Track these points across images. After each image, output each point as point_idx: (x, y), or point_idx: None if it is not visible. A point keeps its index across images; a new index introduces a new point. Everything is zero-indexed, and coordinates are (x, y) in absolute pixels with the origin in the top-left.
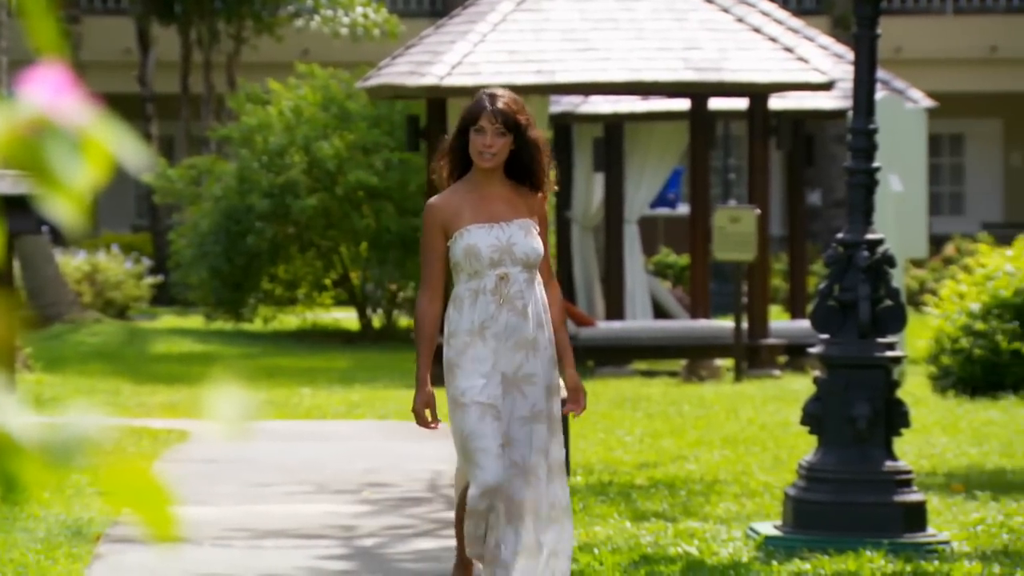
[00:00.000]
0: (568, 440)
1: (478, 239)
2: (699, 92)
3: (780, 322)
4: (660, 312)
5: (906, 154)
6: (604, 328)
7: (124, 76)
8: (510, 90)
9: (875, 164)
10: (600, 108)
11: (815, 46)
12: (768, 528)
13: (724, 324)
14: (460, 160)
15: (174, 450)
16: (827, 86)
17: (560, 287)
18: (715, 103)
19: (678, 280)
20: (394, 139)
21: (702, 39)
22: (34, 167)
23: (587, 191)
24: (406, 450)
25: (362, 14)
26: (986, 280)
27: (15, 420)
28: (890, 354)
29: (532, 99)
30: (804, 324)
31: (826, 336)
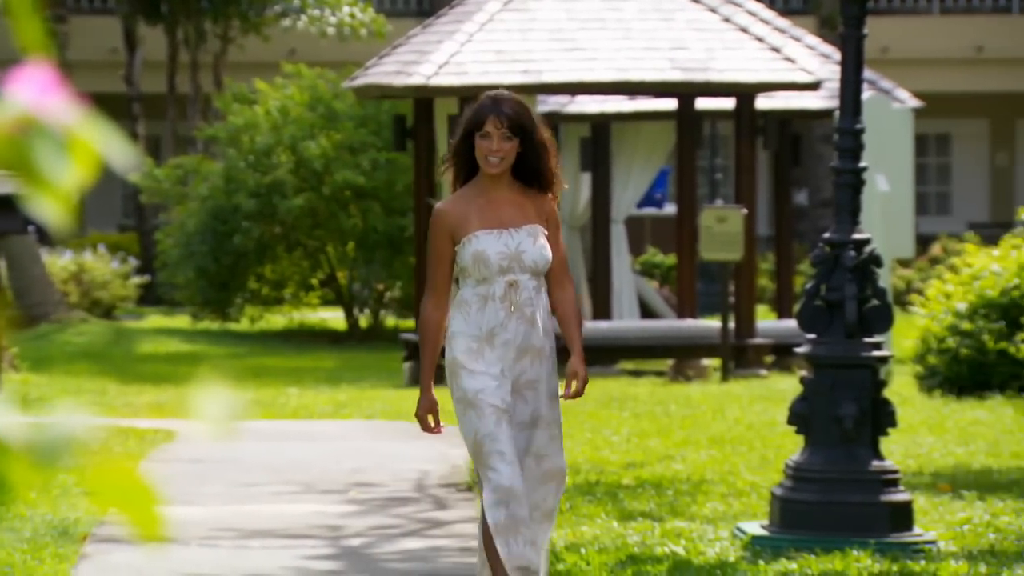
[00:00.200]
0: None
1: (487, 245)
2: (686, 92)
3: (767, 322)
4: (647, 312)
5: (893, 154)
6: (591, 328)
7: (111, 76)
8: (506, 89)
9: (862, 164)
10: (587, 108)
11: (802, 46)
12: (755, 528)
13: (711, 324)
14: (466, 165)
15: (161, 450)
16: (814, 86)
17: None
18: (702, 103)
19: (665, 280)
20: (381, 139)
21: (689, 39)
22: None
23: (574, 191)
24: (393, 450)
25: (349, 14)
26: (972, 280)
27: (1, 420)
28: (877, 354)
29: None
30: (791, 324)
31: (813, 336)
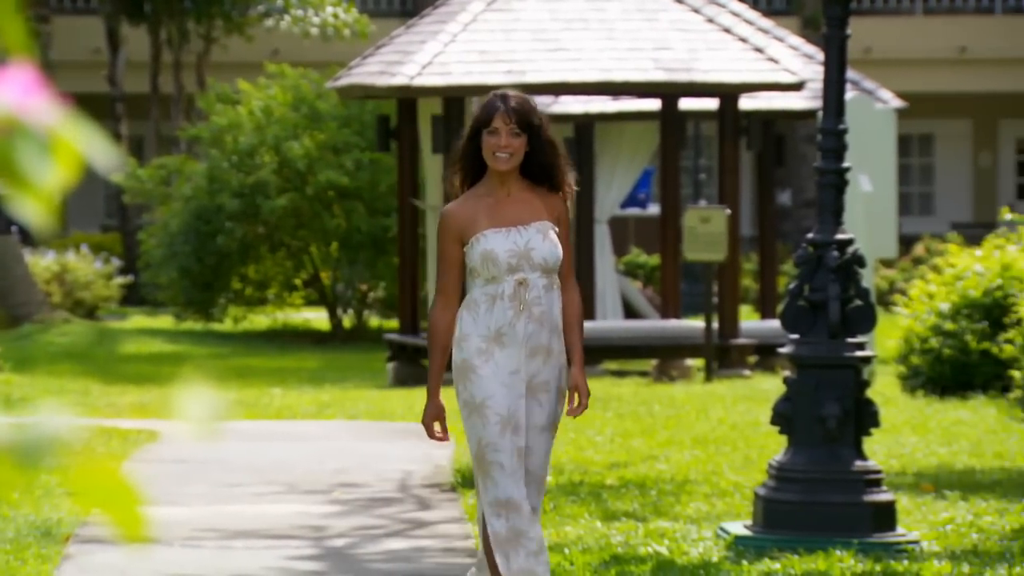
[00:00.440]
0: None
1: (495, 244)
2: (669, 92)
3: (750, 322)
4: (630, 312)
5: (876, 154)
6: None
7: (94, 76)
8: (490, 89)
9: (845, 164)
10: (571, 108)
11: (785, 46)
12: (738, 528)
13: (694, 324)
14: (473, 165)
15: (144, 450)
16: (797, 86)
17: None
18: (685, 103)
19: (648, 280)
20: (364, 139)
21: (672, 39)
22: (3, 167)
23: None
24: (376, 450)
25: (332, 14)
26: (955, 280)
27: None
28: (860, 354)
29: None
30: (774, 324)
31: (796, 336)
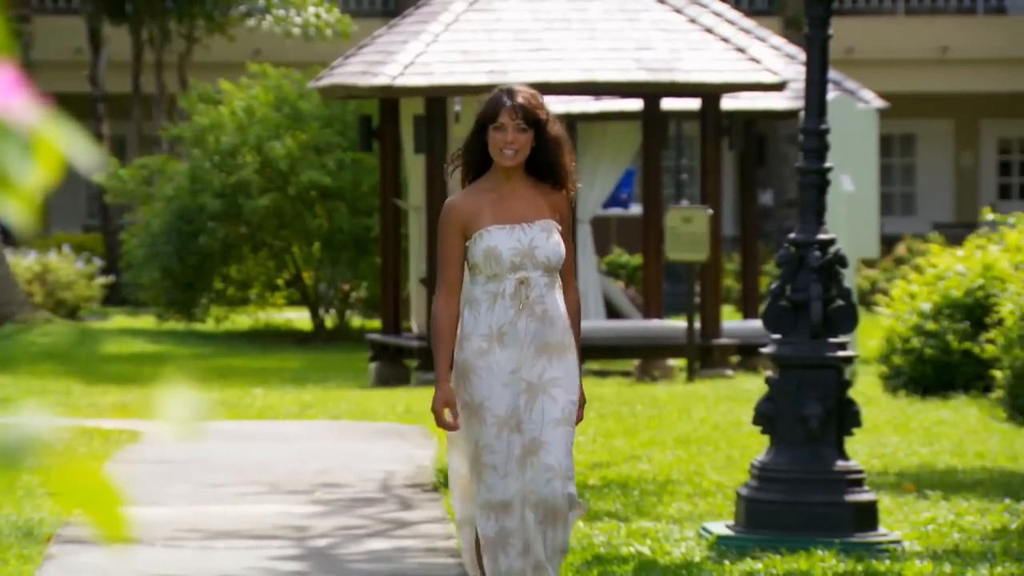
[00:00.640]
0: None
1: (499, 241)
2: (651, 92)
3: (732, 322)
4: (613, 312)
5: (858, 154)
6: None
7: (75, 76)
8: (472, 89)
9: (827, 164)
10: (552, 108)
11: (767, 47)
12: (720, 528)
13: (677, 324)
14: (477, 161)
15: (125, 451)
16: (779, 86)
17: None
18: (667, 103)
19: (631, 280)
20: (347, 139)
21: (654, 39)
22: None
23: None
24: (358, 450)
25: (314, 14)
26: (937, 280)
27: None
28: (842, 354)
29: (484, 99)
30: (756, 324)
31: (778, 336)
